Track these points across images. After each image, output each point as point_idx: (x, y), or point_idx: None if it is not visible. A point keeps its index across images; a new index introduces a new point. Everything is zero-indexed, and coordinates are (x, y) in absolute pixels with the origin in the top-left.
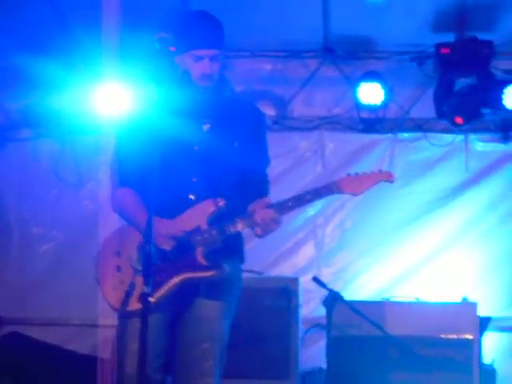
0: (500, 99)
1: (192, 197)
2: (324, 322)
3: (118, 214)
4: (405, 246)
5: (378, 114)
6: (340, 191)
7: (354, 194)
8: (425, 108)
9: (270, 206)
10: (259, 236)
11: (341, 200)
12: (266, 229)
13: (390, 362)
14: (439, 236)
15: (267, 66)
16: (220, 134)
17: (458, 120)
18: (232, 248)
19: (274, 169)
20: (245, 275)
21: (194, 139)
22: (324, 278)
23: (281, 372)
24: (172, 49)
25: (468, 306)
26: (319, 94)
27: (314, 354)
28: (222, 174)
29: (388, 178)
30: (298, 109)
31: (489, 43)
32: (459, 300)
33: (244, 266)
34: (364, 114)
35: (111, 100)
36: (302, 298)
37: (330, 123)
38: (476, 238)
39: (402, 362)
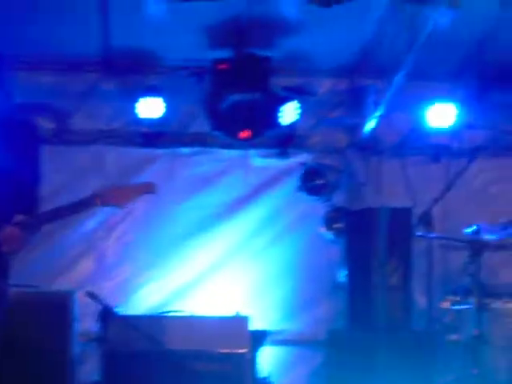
0: (277, 116)
1: None
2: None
3: None
4: (184, 261)
5: (158, 128)
6: (102, 203)
7: (118, 206)
8: (204, 123)
9: (19, 222)
10: (6, 254)
11: (122, 213)
12: (10, 247)
13: (165, 377)
14: (217, 251)
15: (46, 79)
16: None
17: (241, 135)
18: None
19: (52, 183)
20: (20, 289)
21: None
22: (104, 292)
23: None
24: None
25: (240, 321)
26: (99, 107)
27: (91, 368)
28: None
29: (150, 189)
30: (78, 122)
31: (267, 59)
32: (233, 314)
33: (22, 280)
34: (144, 129)
35: None
36: (78, 313)
37: (110, 137)
38: (251, 254)
39: (177, 377)
